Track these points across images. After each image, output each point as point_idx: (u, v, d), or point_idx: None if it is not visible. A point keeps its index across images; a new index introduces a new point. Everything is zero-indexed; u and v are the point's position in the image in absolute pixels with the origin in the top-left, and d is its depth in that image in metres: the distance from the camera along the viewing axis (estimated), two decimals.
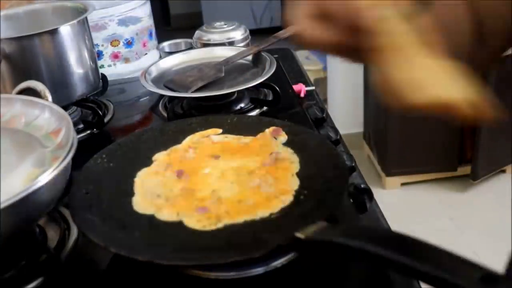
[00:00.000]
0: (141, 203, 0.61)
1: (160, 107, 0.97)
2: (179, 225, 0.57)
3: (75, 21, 0.85)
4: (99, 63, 1.08)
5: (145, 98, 1.03)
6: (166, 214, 0.58)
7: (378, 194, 0.54)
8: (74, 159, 0.56)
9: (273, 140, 0.71)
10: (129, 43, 1.12)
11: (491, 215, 1.98)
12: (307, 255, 0.53)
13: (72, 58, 0.86)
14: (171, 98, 0.94)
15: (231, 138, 0.73)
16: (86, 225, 0.55)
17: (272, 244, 0.50)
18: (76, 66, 0.87)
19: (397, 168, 2.13)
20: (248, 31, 1.13)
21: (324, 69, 2.59)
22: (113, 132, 0.92)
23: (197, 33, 1.12)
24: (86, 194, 0.61)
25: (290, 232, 0.51)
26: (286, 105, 0.92)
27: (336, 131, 0.84)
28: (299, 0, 0.41)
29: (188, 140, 0.73)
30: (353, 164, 0.72)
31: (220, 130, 0.75)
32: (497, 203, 2.04)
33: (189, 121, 0.77)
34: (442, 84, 0.38)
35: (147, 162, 0.69)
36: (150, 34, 1.17)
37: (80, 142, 0.59)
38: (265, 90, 0.96)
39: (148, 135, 0.74)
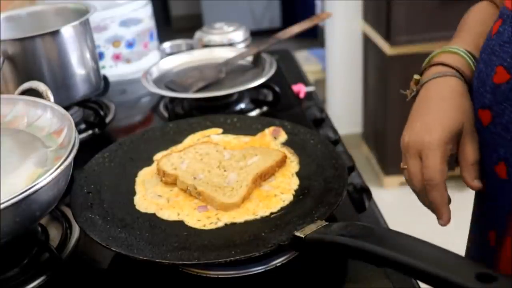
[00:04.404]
0: (142, 202, 0.61)
1: (161, 108, 0.97)
2: (180, 224, 0.58)
3: (77, 22, 0.85)
4: (101, 64, 1.09)
5: (146, 98, 1.04)
6: (166, 214, 0.59)
7: (377, 193, 0.55)
8: (75, 158, 0.56)
9: (273, 140, 0.71)
10: (130, 44, 1.13)
11: None
12: (307, 254, 0.54)
13: (74, 59, 0.86)
14: (172, 99, 0.94)
15: (231, 138, 0.73)
16: (87, 224, 0.56)
17: (272, 243, 0.51)
18: (78, 67, 0.87)
19: (396, 167, 2.13)
20: (248, 32, 1.13)
21: (323, 70, 2.60)
22: (115, 132, 0.92)
23: (198, 34, 1.12)
24: (88, 193, 0.62)
25: (290, 231, 0.51)
26: (285, 105, 0.93)
27: (335, 131, 0.84)
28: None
29: (189, 140, 0.74)
30: (352, 164, 0.72)
31: (221, 130, 0.75)
32: None
33: (190, 121, 0.78)
34: None
35: (148, 162, 0.69)
36: (151, 35, 1.17)
37: (82, 142, 0.60)
38: (265, 90, 0.96)
39: (149, 135, 0.75)
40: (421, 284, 0.51)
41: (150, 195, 0.62)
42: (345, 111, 2.41)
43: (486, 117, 0.50)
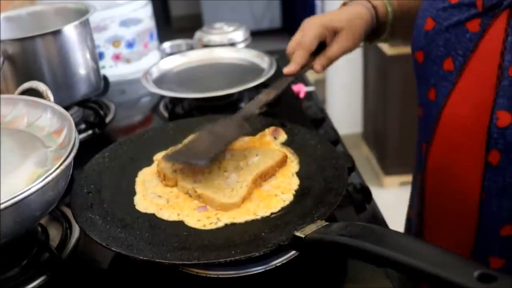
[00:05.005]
0: (142, 202, 0.61)
1: (161, 107, 0.97)
2: (180, 224, 0.58)
3: (77, 22, 0.85)
4: (101, 64, 1.09)
5: (146, 98, 1.04)
6: (166, 214, 0.59)
7: (377, 193, 0.55)
8: (75, 158, 0.56)
9: (273, 140, 0.71)
10: (130, 44, 1.13)
11: None
12: (307, 254, 0.54)
13: (74, 59, 0.86)
14: (172, 99, 0.95)
15: None
16: (87, 224, 0.56)
17: (272, 243, 0.51)
18: (78, 67, 0.87)
19: (396, 167, 2.14)
20: (248, 32, 1.13)
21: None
22: (115, 132, 0.92)
23: (198, 34, 1.12)
24: (88, 193, 0.62)
25: (290, 231, 0.51)
26: (285, 105, 0.93)
27: (335, 131, 0.84)
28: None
29: (189, 140, 0.74)
30: (352, 164, 0.72)
31: None
32: None
33: (190, 121, 0.78)
34: None
35: (148, 161, 0.69)
36: (151, 35, 1.17)
37: (82, 142, 0.60)
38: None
39: (149, 135, 0.75)
40: None
41: (150, 196, 0.62)
42: (345, 111, 2.41)
43: (420, 57, 0.66)
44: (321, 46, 0.73)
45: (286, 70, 0.72)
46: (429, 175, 0.66)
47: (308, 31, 0.71)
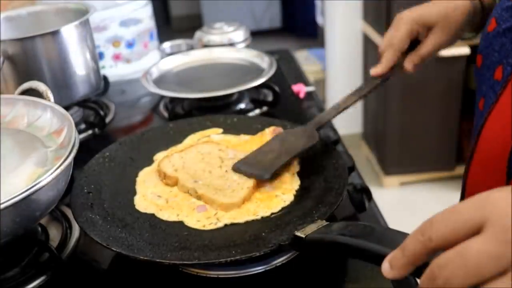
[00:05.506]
0: (142, 202, 0.61)
1: (161, 107, 0.97)
2: (180, 224, 0.58)
3: (77, 22, 0.85)
4: (101, 64, 1.09)
5: (146, 98, 1.04)
6: (166, 214, 0.59)
7: (377, 193, 0.55)
8: (76, 158, 0.56)
9: None
10: (130, 44, 1.13)
11: None
12: (307, 253, 0.54)
13: (74, 59, 0.86)
14: (172, 99, 0.95)
15: (231, 138, 0.73)
16: (87, 224, 0.56)
17: (273, 243, 0.51)
18: (78, 67, 0.87)
19: (396, 167, 2.14)
20: (248, 32, 1.13)
21: (323, 70, 2.59)
22: (115, 132, 0.92)
23: (198, 34, 1.12)
24: (88, 193, 0.62)
25: (290, 231, 0.51)
26: (285, 105, 0.93)
27: (335, 131, 0.84)
28: None
29: (189, 140, 0.74)
30: (352, 164, 0.72)
31: (221, 130, 0.75)
32: None
33: (190, 121, 0.78)
34: None
35: (148, 161, 0.69)
36: (151, 35, 1.17)
37: (82, 142, 0.60)
38: (265, 90, 0.96)
39: (149, 135, 0.75)
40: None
41: (150, 196, 0.62)
42: (345, 111, 2.41)
43: (479, 60, 0.59)
44: (415, 43, 0.67)
45: (374, 71, 0.68)
46: (466, 192, 0.59)
47: (399, 27, 0.66)
